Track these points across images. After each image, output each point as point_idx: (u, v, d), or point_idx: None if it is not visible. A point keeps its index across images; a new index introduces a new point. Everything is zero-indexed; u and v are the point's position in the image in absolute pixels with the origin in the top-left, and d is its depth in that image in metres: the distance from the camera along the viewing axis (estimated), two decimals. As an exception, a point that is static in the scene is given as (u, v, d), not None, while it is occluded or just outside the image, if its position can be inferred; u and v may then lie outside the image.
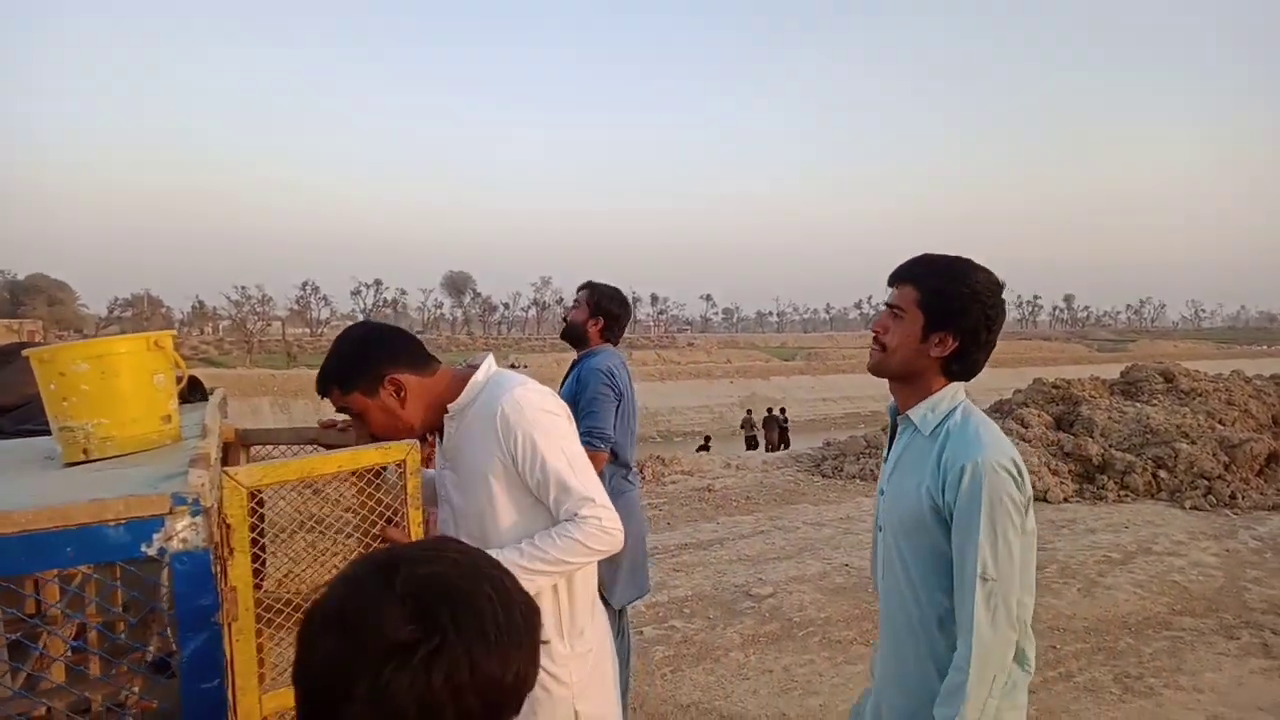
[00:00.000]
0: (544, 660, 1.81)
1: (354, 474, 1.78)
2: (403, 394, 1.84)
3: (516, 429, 1.78)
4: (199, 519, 0.99)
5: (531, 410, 1.81)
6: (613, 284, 3.57)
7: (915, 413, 1.76)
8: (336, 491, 2.24)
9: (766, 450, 19.51)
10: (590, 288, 3.52)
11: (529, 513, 1.83)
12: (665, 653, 4.83)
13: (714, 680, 4.46)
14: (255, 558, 1.81)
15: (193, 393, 2.39)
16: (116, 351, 1.42)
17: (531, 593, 1.74)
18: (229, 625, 1.49)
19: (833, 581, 6.13)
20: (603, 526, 1.78)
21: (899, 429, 1.85)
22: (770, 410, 25.93)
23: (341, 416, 2.00)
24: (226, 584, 1.53)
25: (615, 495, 3.17)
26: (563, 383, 3.55)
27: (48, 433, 1.98)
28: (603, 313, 3.47)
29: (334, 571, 2.05)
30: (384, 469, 1.73)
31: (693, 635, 5.09)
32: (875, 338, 1.78)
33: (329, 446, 2.06)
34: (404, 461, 1.71)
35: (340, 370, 1.85)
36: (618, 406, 3.34)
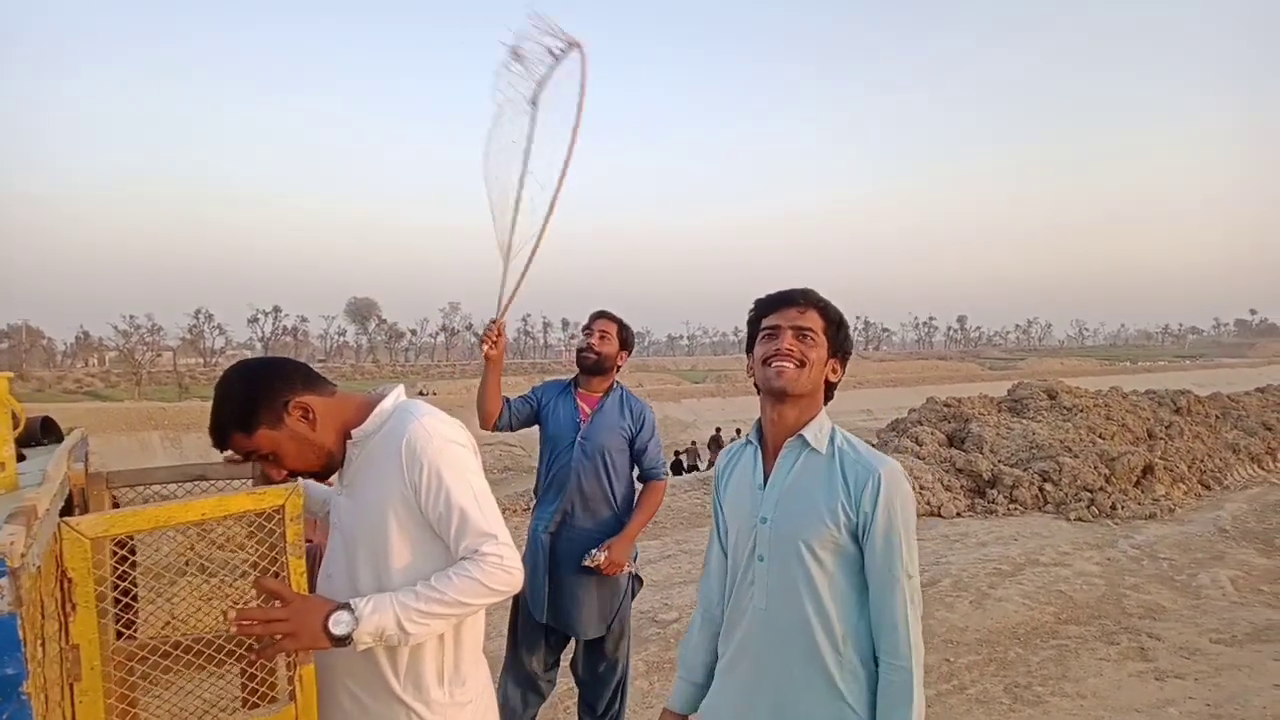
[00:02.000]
0: (421, 709, 1.74)
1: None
2: (311, 416, 1.74)
3: (422, 459, 1.69)
4: (3, 581, 0.91)
5: (439, 440, 1.73)
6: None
7: (809, 432, 1.81)
8: (226, 532, 2.13)
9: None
10: (613, 319, 3.53)
11: (425, 549, 1.74)
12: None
13: (617, 711, 4.41)
14: (128, 607, 1.70)
15: (45, 434, 2.24)
16: None
17: (424, 638, 1.67)
18: (70, 688, 1.40)
19: (736, 604, 6.15)
20: (504, 565, 1.69)
21: (785, 451, 1.84)
22: (717, 430, 25.77)
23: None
24: (68, 644, 1.43)
25: None
26: (551, 399, 3.55)
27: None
28: (626, 346, 3.57)
29: (222, 615, 1.94)
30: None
31: (596, 665, 5.02)
32: (789, 355, 1.79)
33: (268, 478, 1.93)
34: (282, 507, 1.62)
35: (237, 411, 1.72)
36: None
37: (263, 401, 1.72)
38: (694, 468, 24.05)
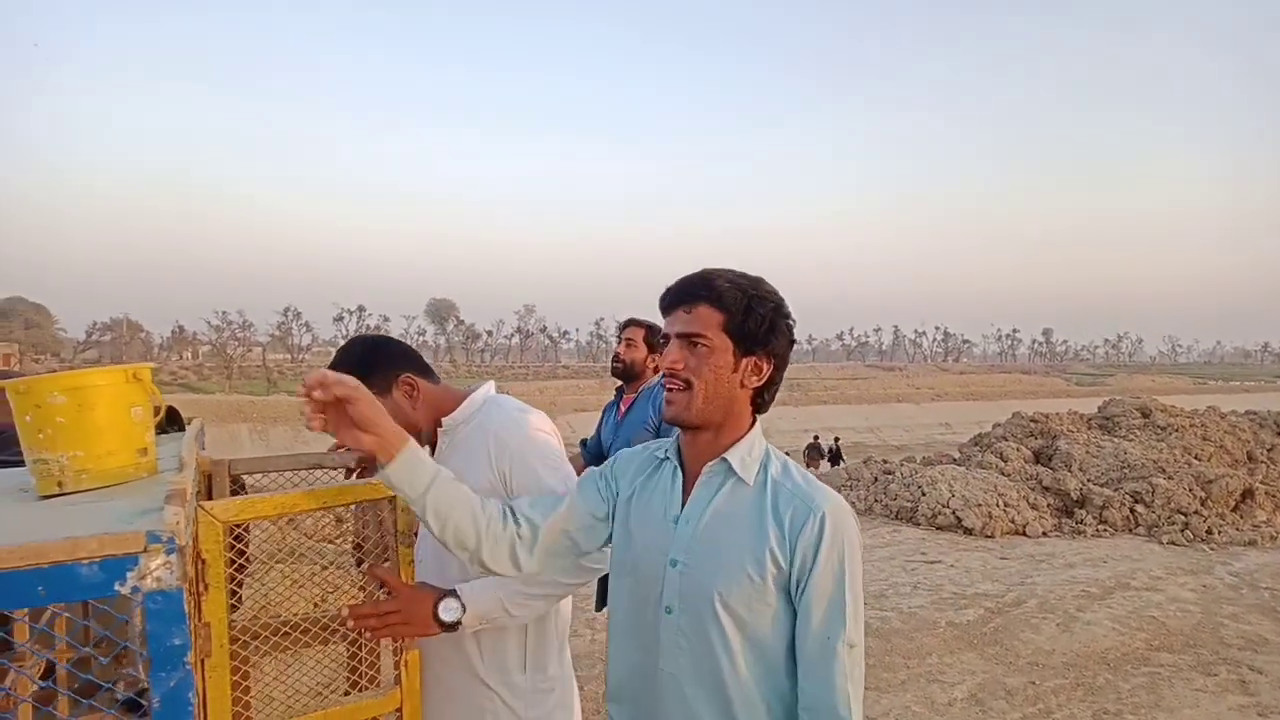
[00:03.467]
0: (504, 693, 1.80)
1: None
2: (415, 394, 1.85)
3: (509, 448, 1.77)
4: (173, 557, 0.98)
5: (528, 430, 1.81)
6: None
7: (735, 456, 1.45)
8: (314, 522, 2.21)
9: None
10: (642, 326, 3.62)
11: None
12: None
13: None
14: (232, 593, 1.80)
15: (170, 424, 2.37)
16: (94, 384, 1.39)
17: (527, 619, 1.73)
18: (201, 663, 1.48)
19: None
20: None
21: (704, 478, 1.47)
22: (815, 438, 24.90)
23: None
24: (200, 621, 1.51)
25: None
26: (604, 416, 3.76)
27: (18, 463, 1.97)
28: (658, 349, 3.60)
29: (313, 603, 2.03)
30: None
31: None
32: (673, 376, 1.44)
33: (355, 470, 2.05)
34: (394, 497, 1.69)
35: (355, 369, 1.82)
36: None
37: (378, 368, 1.83)
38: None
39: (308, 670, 1.91)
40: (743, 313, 1.42)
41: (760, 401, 1.49)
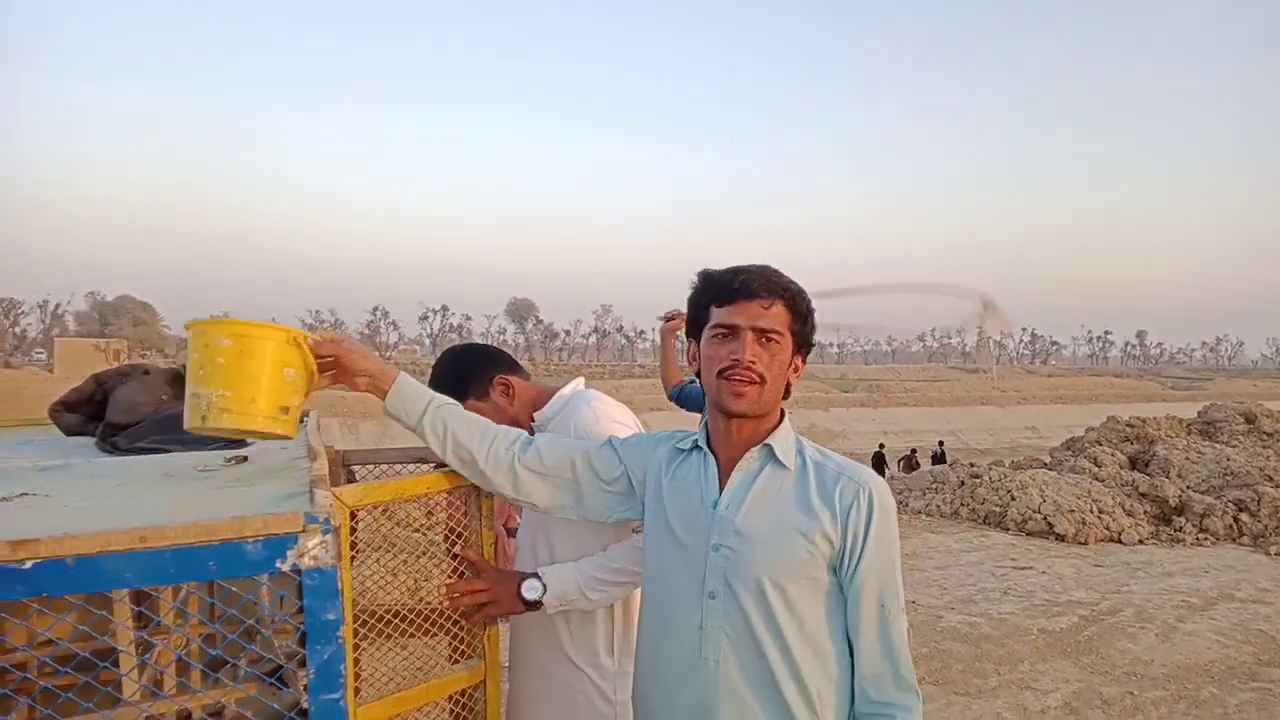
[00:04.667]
0: (593, 674, 1.87)
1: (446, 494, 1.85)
2: (511, 393, 1.99)
3: (587, 436, 1.87)
4: (329, 537, 1.05)
5: (606, 421, 1.91)
6: None
7: (776, 442, 1.51)
8: (404, 511, 2.31)
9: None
10: None
11: (594, 525, 1.87)
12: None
13: None
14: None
15: (287, 415, 2.50)
16: (257, 335, 1.49)
17: (605, 603, 1.82)
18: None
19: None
20: None
21: (745, 464, 1.51)
22: (912, 451, 24.62)
23: None
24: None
25: None
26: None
27: (160, 450, 2.10)
28: None
29: (405, 590, 2.12)
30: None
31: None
32: (749, 370, 1.45)
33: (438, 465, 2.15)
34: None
35: (452, 380, 1.96)
36: None
37: (474, 375, 1.99)
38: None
39: (409, 652, 2.01)
40: (805, 315, 1.51)
41: (786, 392, 1.56)
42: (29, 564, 0.95)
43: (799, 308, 1.49)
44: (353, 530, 1.85)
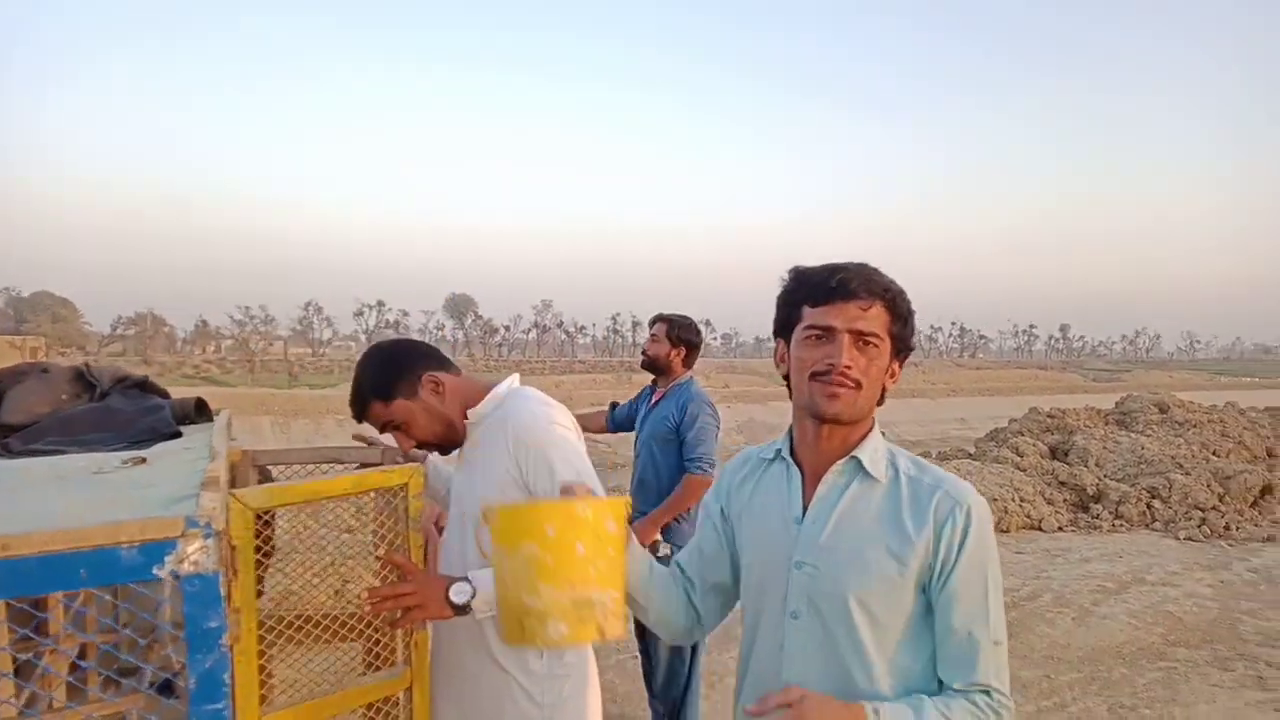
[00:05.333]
0: (522, 678, 1.85)
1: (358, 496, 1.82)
2: (441, 390, 1.92)
3: (527, 440, 1.83)
4: (210, 542, 1.02)
5: (544, 423, 1.87)
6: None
7: (865, 453, 1.41)
8: (333, 513, 2.27)
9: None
10: (665, 320, 3.73)
11: None
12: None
13: (711, 705, 4.45)
14: (258, 579, 1.85)
15: (199, 414, 2.43)
16: (607, 513, 1.30)
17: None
18: (232, 647, 1.52)
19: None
20: None
21: (831, 477, 1.42)
22: None
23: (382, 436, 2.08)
24: (231, 606, 1.56)
25: None
26: (639, 398, 3.92)
27: (54, 452, 2.02)
28: (683, 342, 3.71)
29: (332, 593, 2.08)
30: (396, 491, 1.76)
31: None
32: (846, 374, 1.35)
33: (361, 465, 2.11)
34: (405, 485, 1.74)
35: (378, 381, 1.90)
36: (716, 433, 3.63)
37: (402, 373, 1.90)
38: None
39: (328, 657, 1.97)
40: (905, 317, 1.40)
41: (881, 399, 1.43)
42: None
43: (899, 309, 1.38)
44: (267, 533, 1.81)
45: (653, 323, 3.80)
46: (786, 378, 1.47)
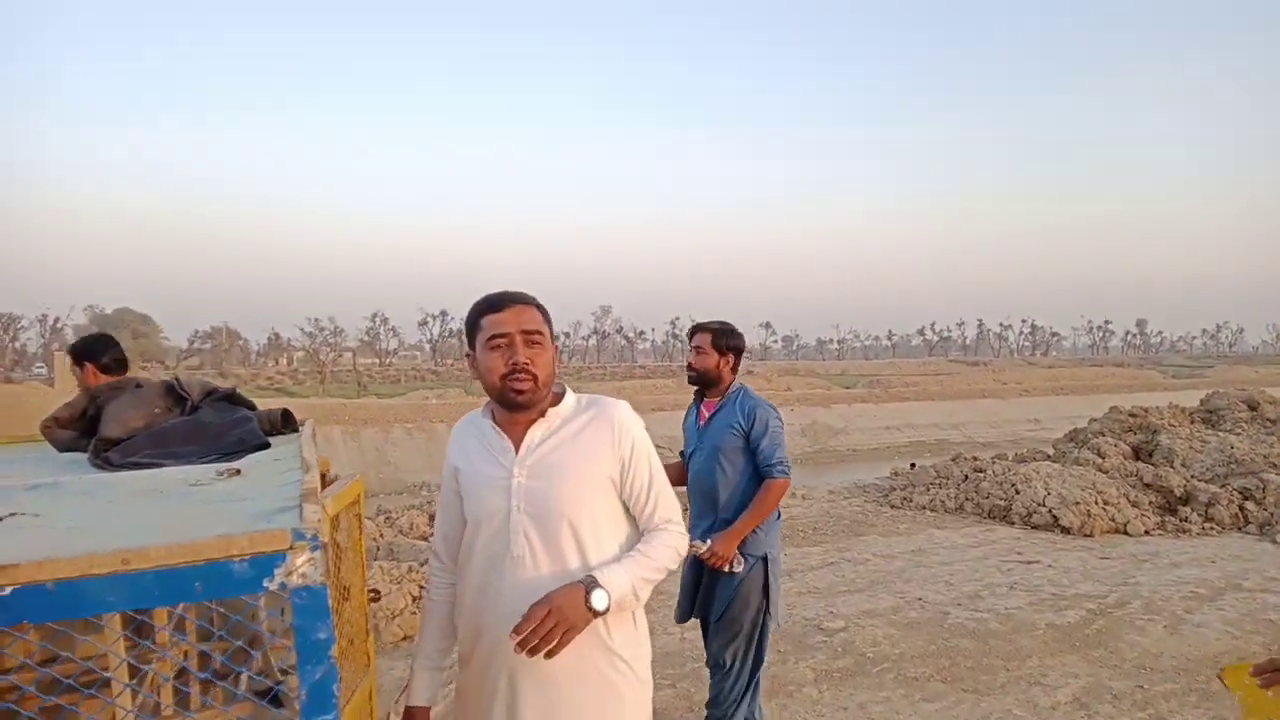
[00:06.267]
0: (636, 666, 1.88)
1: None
2: (554, 361, 1.92)
3: (631, 436, 1.90)
4: (317, 554, 1.02)
5: (639, 423, 1.95)
6: (696, 317, 3.73)
7: None
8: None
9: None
10: (707, 330, 3.61)
11: (619, 521, 1.92)
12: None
13: (787, 716, 4.39)
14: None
15: (285, 424, 2.48)
16: None
17: (644, 599, 1.85)
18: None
19: (906, 616, 6.00)
20: (686, 539, 1.95)
21: None
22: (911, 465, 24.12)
23: None
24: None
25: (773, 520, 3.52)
26: (686, 417, 3.79)
27: (151, 465, 2.07)
28: (731, 350, 3.60)
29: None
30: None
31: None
32: None
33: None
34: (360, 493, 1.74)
35: (545, 307, 1.94)
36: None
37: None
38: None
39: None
40: None
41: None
42: (8, 590, 0.92)
43: None
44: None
45: (692, 334, 3.66)
46: None
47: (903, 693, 4.65)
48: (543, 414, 1.89)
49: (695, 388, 3.70)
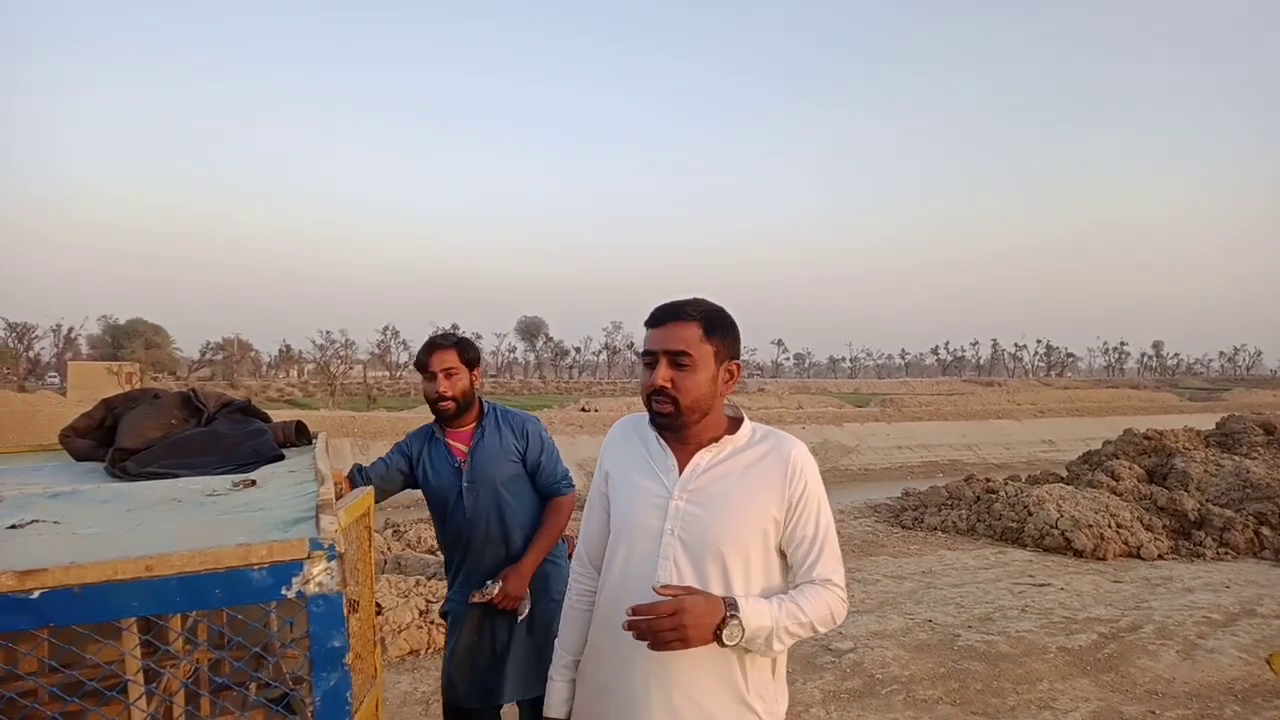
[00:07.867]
0: (764, 713, 1.73)
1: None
2: (734, 380, 1.83)
3: (805, 479, 1.76)
4: (334, 563, 1.04)
5: (814, 467, 1.81)
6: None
7: None
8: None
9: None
10: (446, 348, 3.02)
11: (772, 567, 1.78)
12: None
13: (794, 736, 4.38)
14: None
15: (299, 436, 2.51)
16: None
17: (778, 651, 1.70)
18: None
19: (916, 638, 5.96)
20: (844, 601, 1.76)
21: None
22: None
23: None
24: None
25: None
26: (418, 463, 3.18)
27: (168, 474, 2.10)
28: (476, 362, 3.10)
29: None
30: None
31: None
32: None
33: None
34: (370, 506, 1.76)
35: (721, 319, 1.82)
36: None
37: (736, 334, 1.84)
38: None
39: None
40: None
41: None
42: (36, 593, 0.95)
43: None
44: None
45: (430, 354, 2.99)
46: None
47: (911, 715, 4.63)
48: (715, 439, 1.80)
49: (439, 421, 3.05)
